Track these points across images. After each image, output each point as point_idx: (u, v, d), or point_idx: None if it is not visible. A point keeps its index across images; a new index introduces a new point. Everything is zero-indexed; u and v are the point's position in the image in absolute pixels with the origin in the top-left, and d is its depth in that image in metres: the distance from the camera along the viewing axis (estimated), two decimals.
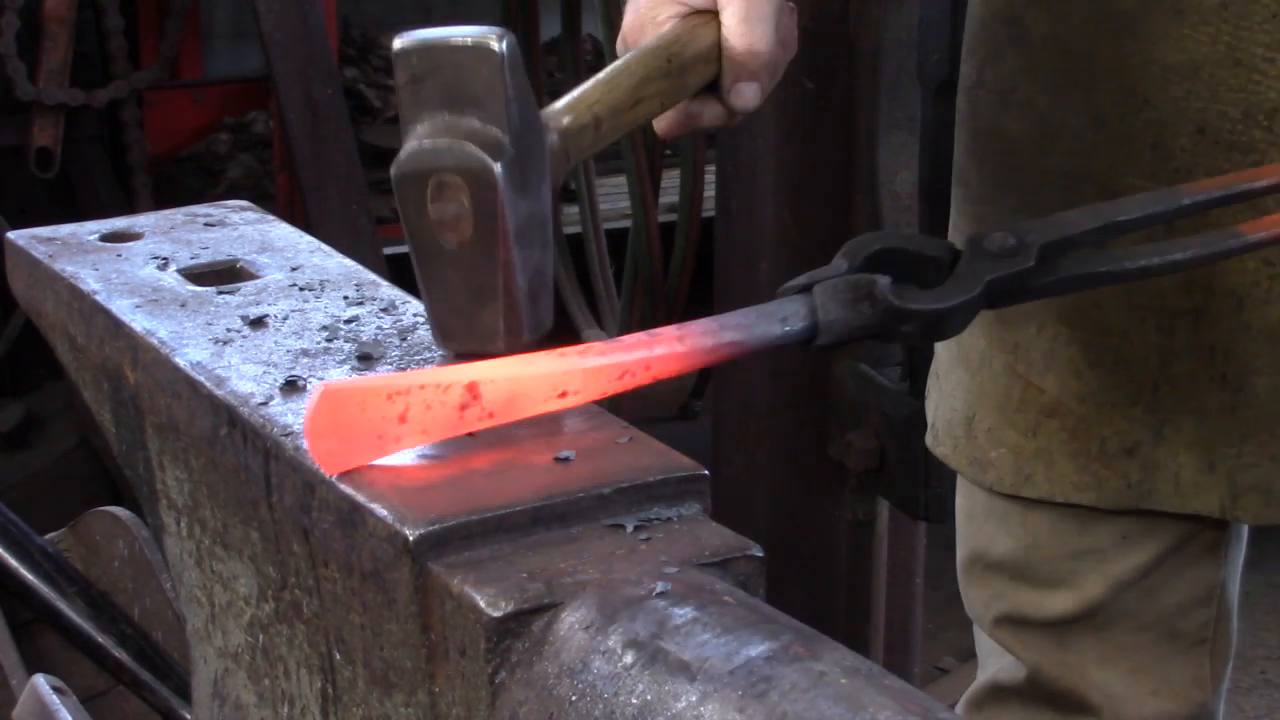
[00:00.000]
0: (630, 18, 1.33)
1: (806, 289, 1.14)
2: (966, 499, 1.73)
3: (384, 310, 1.22)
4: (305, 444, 1.00)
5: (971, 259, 1.19)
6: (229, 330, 1.19)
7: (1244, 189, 1.29)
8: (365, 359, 1.15)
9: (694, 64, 1.30)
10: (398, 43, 1.13)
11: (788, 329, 1.12)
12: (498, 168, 1.10)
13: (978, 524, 1.71)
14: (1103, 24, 1.50)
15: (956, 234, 1.65)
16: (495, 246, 1.11)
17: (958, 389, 1.67)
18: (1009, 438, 1.62)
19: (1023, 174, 1.57)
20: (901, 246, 1.19)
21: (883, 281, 1.14)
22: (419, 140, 1.12)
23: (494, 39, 1.11)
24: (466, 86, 1.11)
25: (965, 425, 1.65)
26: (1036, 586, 1.67)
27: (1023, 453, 1.62)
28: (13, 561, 1.74)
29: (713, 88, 1.32)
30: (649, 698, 0.84)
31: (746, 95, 1.33)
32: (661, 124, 1.33)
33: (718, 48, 1.30)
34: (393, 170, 1.13)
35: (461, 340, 1.15)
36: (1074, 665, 1.68)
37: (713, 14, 1.31)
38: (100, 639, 1.71)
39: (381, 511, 0.96)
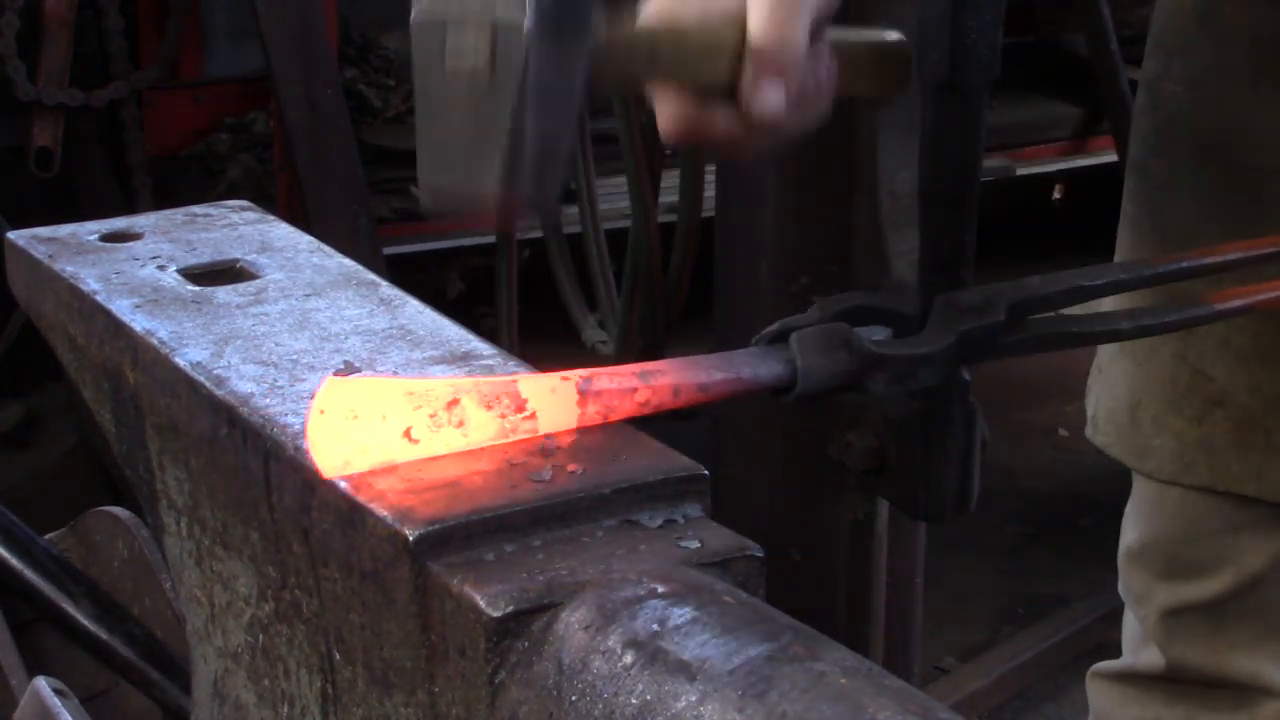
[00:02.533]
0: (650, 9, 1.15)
1: (782, 337, 1.11)
2: (1134, 488, 1.75)
3: (384, 310, 1.22)
4: (305, 442, 0.99)
5: (943, 313, 1.18)
6: (229, 330, 1.19)
7: (1199, 264, 1.31)
8: (364, 359, 1.15)
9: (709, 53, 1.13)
10: None
11: (761, 375, 1.09)
12: (527, 21, 1.03)
13: (1139, 510, 1.72)
14: None
15: (1127, 222, 1.65)
16: (510, 94, 1.04)
17: (1121, 378, 1.68)
18: (1173, 425, 1.63)
19: (1209, 167, 1.57)
20: (873, 304, 1.18)
21: (858, 330, 1.13)
22: None
23: None
24: None
25: (1129, 413, 1.66)
26: (1195, 567, 1.68)
27: (1185, 440, 1.62)
28: (15, 562, 1.74)
29: (731, 93, 1.15)
30: (649, 698, 0.84)
31: (769, 97, 1.13)
32: (667, 124, 1.16)
33: (741, 45, 1.13)
34: (412, 18, 1.06)
35: (452, 196, 1.09)
36: (1221, 651, 1.69)
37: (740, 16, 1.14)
38: (108, 639, 1.71)
39: (381, 511, 0.96)
